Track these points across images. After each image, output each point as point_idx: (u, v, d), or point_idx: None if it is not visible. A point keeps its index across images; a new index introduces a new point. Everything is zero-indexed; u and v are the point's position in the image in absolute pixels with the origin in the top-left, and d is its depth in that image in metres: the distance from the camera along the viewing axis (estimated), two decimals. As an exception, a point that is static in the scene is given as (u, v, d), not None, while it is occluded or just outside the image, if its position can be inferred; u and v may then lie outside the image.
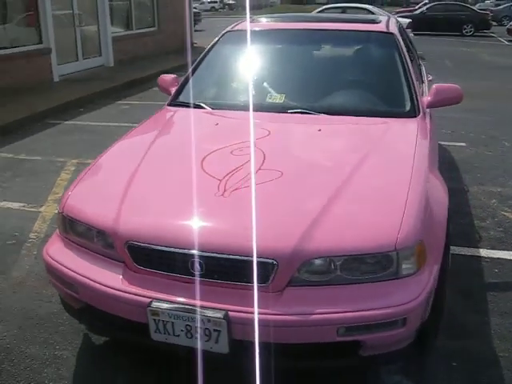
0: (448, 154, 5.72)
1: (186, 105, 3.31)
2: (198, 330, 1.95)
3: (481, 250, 3.59)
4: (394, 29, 3.54)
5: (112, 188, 2.37)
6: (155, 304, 1.99)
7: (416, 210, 2.11)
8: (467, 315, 2.87)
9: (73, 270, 2.22)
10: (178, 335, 2.01)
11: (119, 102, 8.60)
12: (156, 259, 2.08)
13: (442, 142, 6.10)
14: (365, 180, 2.30)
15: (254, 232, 1.93)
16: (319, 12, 14.29)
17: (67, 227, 2.36)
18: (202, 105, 3.22)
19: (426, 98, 3.18)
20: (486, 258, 3.49)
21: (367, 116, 2.98)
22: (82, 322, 2.45)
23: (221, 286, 2.00)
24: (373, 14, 14.14)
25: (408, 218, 2.05)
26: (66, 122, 7.21)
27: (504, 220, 4.06)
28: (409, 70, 3.22)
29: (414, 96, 3.10)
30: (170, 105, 3.40)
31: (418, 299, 1.98)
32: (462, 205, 4.34)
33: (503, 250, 3.59)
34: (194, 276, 2.02)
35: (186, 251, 2.00)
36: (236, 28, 3.81)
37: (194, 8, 35.73)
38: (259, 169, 2.37)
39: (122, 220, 2.14)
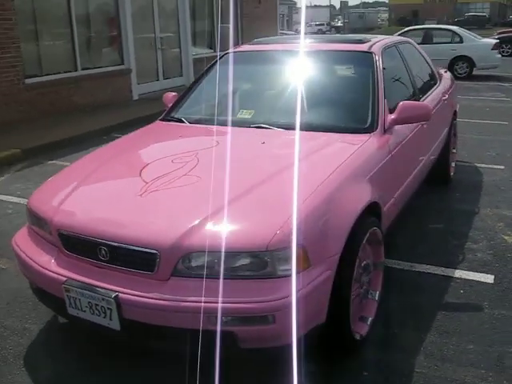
0: (479, 176, 5.53)
1: (172, 119, 3.69)
2: (96, 306, 2.28)
3: (456, 270, 3.52)
4: (376, 49, 3.63)
5: (65, 188, 2.77)
6: (68, 282, 2.35)
7: (303, 217, 2.25)
8: (405, 330, 2.88)
9: (25, 254, 2.66)
10: (85, 311, 2.34)
11: (185, 118, 9.25)
12: (77, 245, 2.43)
13: (480, 164, 5.92)
14: (272, 187, 2.48)
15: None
16: (401, 34, 14.12)
17: (31, 219, 2.81)
18: (183, 119, 3.58)
19: (391, 116, 3.24)
20: (457, 278, 3.42)
21: (322, 131, 3.12)
22: (39, 300, 2.87)
23: (118, 271, 2.31)
24: (458, 35, 13.76)
25: (289, 223, 2.21)
26: (129, 136, 7.94)
27: (499, 244, 3.91)
28: (377, 89, 3.31)
29: (375, 113, 3.19)
30: (161, 119, 3.79)
31: (288, 299, 2.12)
32: (463, 226, 4.24)
33: (480, 272, 3.49)
34: (100, 261, 2.35)
35: (93, 239, 2.34)
36: (236, 50, 4.14)
37: (296, 31, 36.53)
38: (184, 174, 2.65)
39: (57, 213, 2.54)
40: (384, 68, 3.52)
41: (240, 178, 2.58)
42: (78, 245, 2.44)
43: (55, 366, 2.68)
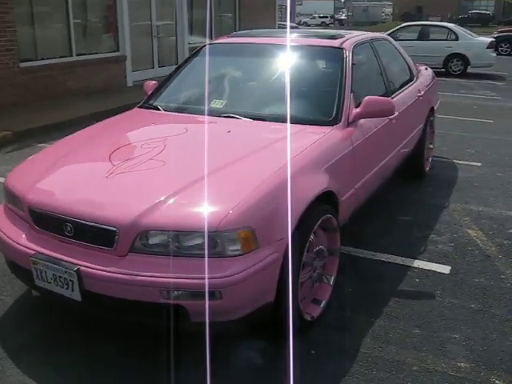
0: (455, 172, 5.67)
1: (149, 107, 3.83)
2: (60, 278, 2.44)
3: (416, 260, 3.67)
4: (347, 45, 3.76)
5: (39, 168, 2.92)
6: (36, 255, 2.51)
7: (253, 202, 2.40)
8: (357, 314, 3.04)
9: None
10: (50, 282, 2.50)
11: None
12: (45, 222, 2.59)
13: (458, 161, 6.06)
14: (230, 173, 2.64)
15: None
16: (396, 30, 14.24)
17: (7, 197, 2.96)
18: (159, 107, 3.72)
19: (355, 110, 3.38)
20: (415, 268, 3.58)
21: (290, 123, 3.26)
22: (12, 272, 3.03)
23: (82, 246, 2.47)
24: (454, 33, 13.85)
25: (240, 207, 2.36)
26: (120, 122, 8.08)
27: (462, 237, 4.07)
28: (344, 84, 3.44)
29: (339, 107, 3.33)
30: (139, 106, 3.93)
31: (234, 277, 2.27)
32: (430, 219, 4.39)
33: (438, 263, 3.64)
34: (65, 236, 2.51)
35: (60, 216, 2.51)
36: (214, 41, 4.28)
37: (299, 23, 36.22)
38: (150, 159, 2.80)
39: (29, 191, 2.69)
40: (354, 63, 3.66)
41: (201, 164, 2.71)
42: (46, 221, 2.60)
43: (26, 335, 2.84)
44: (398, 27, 14.59)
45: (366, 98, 3.38)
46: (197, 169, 2.67)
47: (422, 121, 5.00)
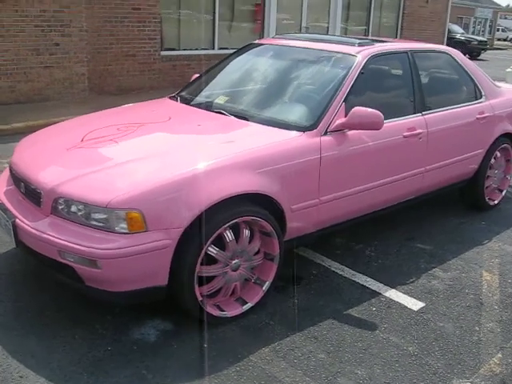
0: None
1: (174, 97, 4.15)
2: (5, 226, 2.93)
3: (392, 290, 3.39)
4: (364, 54, 3.59)
5: (32, 138, 3.49)
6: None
7: (149, 189, 2.57)
8: (279, 325, 2.94)
9: None
10: (3, 228, 3.01)
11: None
12: (14, 179, 3.12)
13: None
14: (156, 161, 2.83)
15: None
16: None
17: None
18: (178, 98, 4.03)
19: (341, 120, 3.26)
20: (384, 297, 3.31)
21: (264, 124, 3.27)
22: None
23: (27, 203, 2.91)
24: None
25: (133, 191, 2.55)
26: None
27: (470, 278, 3.60)
28: (337, 92, 3.33)
29: (320, 114, 3.25)
30: (169, 97, 4.28)
31: (114, 251, 2.49)
32: (451, 253, 3.95)
33: (414, 298, 3.31)
34: (21, 193, 2.99)
35: (18, 176, 3.01)
36: (257, 41, 4.44)
37: (505, 39, 32.67)
38: (110, 140, 3.12)
39: (14, 153, 3.26)
40: (362, 73, 3.50)
41: (141, 149, 2.98)
42: (14, 178, 3.12)
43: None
44: None
45: (354, 108, 3.23)
46: (133, 153, 2.93)
47: (484, 146, 4.44)
